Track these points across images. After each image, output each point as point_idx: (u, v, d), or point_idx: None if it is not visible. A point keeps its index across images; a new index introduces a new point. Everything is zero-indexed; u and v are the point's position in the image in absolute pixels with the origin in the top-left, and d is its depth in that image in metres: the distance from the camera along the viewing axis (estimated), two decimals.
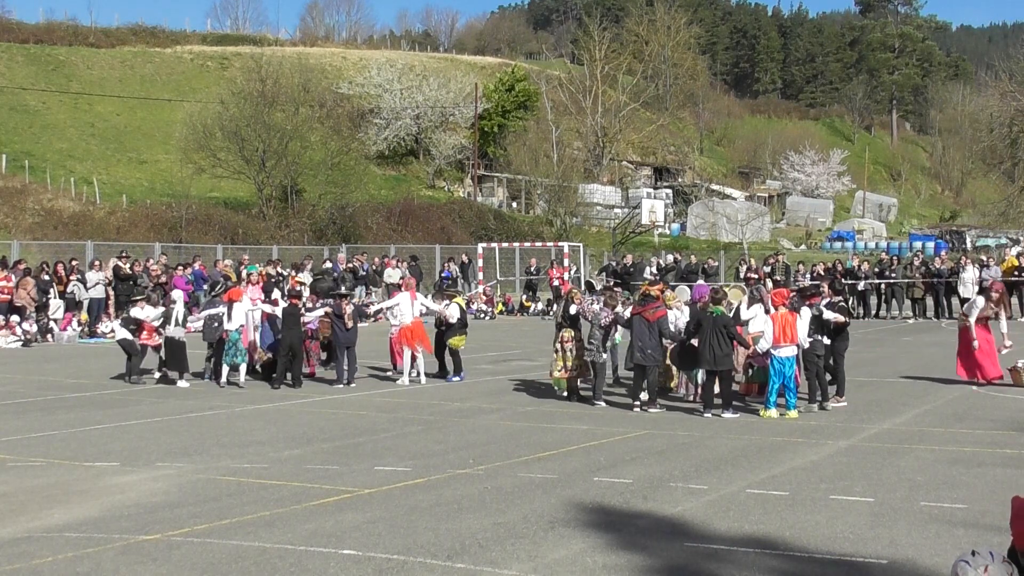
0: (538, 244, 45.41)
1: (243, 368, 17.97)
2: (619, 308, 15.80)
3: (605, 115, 75.40)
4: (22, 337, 26.09)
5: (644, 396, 14.89)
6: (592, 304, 16.12)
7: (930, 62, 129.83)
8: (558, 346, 15.95)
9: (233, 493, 9.70)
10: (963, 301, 32.63)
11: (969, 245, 60.13)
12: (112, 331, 28.29)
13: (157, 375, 18.56)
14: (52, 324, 27.51)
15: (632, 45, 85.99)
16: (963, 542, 7.84)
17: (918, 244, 58.10)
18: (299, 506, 9.12)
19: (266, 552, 7.72)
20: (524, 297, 39.32)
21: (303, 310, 18.38)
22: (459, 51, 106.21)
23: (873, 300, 34.45)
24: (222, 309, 17.96)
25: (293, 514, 8.85)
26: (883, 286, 34.08)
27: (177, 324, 18.14)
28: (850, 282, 34.08)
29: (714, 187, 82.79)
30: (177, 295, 19.03)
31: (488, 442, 12.47)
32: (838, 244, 66.06)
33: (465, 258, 40.25)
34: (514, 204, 68.95)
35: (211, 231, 43.09)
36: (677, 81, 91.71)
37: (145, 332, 18.50)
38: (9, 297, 26.79)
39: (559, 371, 15.91)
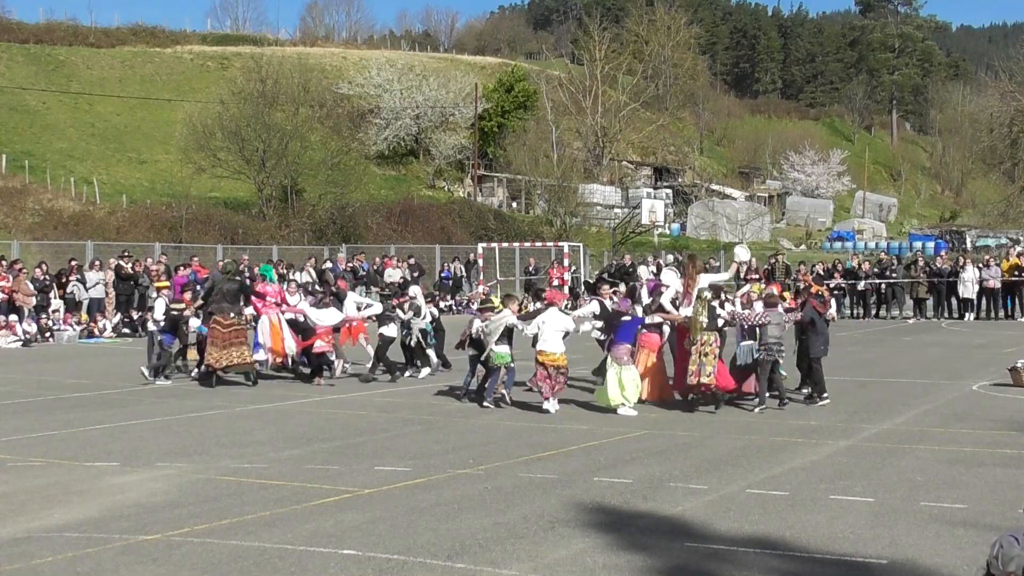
0: (538, 244, 45.43)
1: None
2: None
3: (605, 115, 75.36)
4: (22, 337, 26.11)
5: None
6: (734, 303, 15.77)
7: (930, 62, 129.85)
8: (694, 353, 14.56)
9: (233, 493, 9.70)
10: (962, 301, 32.79)
11: (969, 245, 60.15)
12: (105, 330, 28.45)
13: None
14: (52, 324, 27.52)
15: (632, 45, 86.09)
16: (963, 542, 7.85)
17: (918, 244, 58.16)
18: (299, 506, 9.12)
19: (266, 552, 7.72)
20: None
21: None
22: (459, 51, 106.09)
23: (870, 300, 34.44)
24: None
25: (293, 514, 8.85)
26: (883, 286, 34.08)
27: (393, 320, 18.52)
28: (850, 282, 34.12)
29: (714, 187, 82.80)
30: (415, 290, 19.13)
31: (488, 442, 12.47)
32: (838, 244, 66.11)
33: (471, 257, 40.48)
34: (514, 204, 68.95)
35: (211, 231, 43.09)
36: (677, 81, 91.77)
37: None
38: (7, 296, 26.81)
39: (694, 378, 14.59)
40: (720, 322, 14.75)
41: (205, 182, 49.44)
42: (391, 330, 18.54)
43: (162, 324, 18.40)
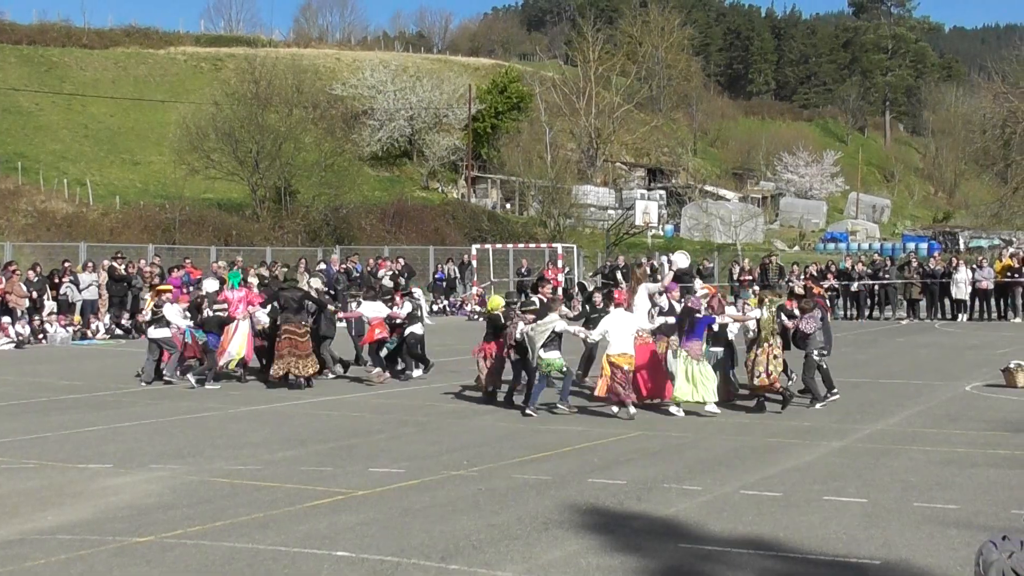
0: (532, 245, 45.45)
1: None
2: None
3: (599, 116, 75.48)
4: (15, 339, 26.06)
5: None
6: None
7: (923, 63, 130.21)
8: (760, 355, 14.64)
9: (227, 495, 9.69)
10: (955, 302, 32.84)
11: (962, 246, 60.26)
12: (99, 331, 28.43)
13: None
14: (45, 326, 27.47)
15: (626, 46, 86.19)
16: (956, 542, 7.86)
17: (911, 245, 58.21)
18: (293, 508, 9.12)
19: (260, 554, 7.72)
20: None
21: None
22: (453, 52, 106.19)
23: (863, 301, 34.47)
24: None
25: (287, 516, 8.85)
26: (876, 287, 34.12)
27: (419, 320, 18.82)
28: (843, 283, 34.15)
29: (708, 188, 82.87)
30: (419, 292, 19.64)
31: (482, 443, 12.47)
32: (831, 245, 66.20)
33: (466, 259, 40.55)
34: (508, 205, 68.99)
35: (204, 232, 43.09)
36: (671, 82, 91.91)
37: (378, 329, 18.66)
38: (1, 297, 26.77)
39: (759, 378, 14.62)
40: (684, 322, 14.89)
41: (198, 183, 49.44)
42: (420, 328, 18.91)
43: (178, 328, 18.41)
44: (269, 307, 18.71)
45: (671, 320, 15.32)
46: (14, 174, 48.13)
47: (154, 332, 18.46)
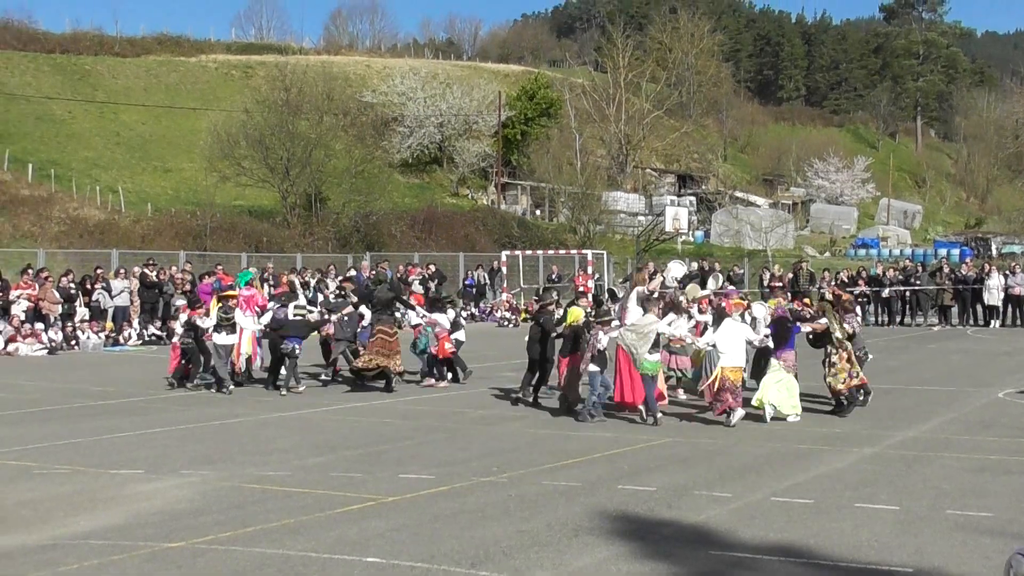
0: (562, 252, 45.40)
1: None
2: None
3: (628, 122, 75.28)
4: (48, 345, 26.29)
5: None
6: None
7: (955, 68, 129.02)
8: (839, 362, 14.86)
9: (257, 500, 9.73)
10: (988, 308, 32.58)
11: (995, 252, 59.76)
12: (131, 338, 28.65)
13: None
14: (78, 332, 27.69)
15: (655, 53, 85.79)
16: (990, 551, 7.79)
17: (943, 251, 57.74)
18: (323, 514, 9.15)
19: (290, 560, 7.74)
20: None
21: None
22: (482, 59, 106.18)
23: (895, 307, 34.24)
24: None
25: (317, 521, 8.88)
26: (908, 293, 33.91)
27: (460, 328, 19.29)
28: (875, 289, 33.96)
29: (738, 194, 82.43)
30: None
31: (512, 450, 12.47)
32: (863, 251, 65.78)
33: (496, 265, 40.58)
34: (538, 212, 68.95)
35: (235, 239, 43.28)
36: (701, 88, 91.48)
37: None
38: (34, 304, 27.01)
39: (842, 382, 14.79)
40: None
41: (229, 190, 49.66)
42: (462, 335, 19.21)
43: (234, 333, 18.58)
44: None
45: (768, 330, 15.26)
46: (47, 181, 48.50)
47: (222, 338, 18.20)
